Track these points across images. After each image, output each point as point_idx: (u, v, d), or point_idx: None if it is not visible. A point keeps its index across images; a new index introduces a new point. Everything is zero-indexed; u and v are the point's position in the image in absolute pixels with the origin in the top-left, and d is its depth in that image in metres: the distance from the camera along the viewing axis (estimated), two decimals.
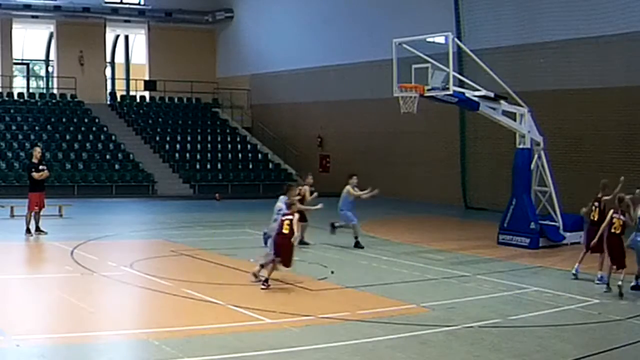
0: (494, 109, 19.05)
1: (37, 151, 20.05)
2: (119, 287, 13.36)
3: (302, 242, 15.97)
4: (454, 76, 18.10)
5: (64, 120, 37.24)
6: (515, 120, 19.27)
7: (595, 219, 14.32)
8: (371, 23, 32.83)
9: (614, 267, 13.20)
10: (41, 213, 19.56)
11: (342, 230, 18.49)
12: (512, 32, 26.78)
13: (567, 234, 19.34)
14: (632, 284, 13.13)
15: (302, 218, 14.94)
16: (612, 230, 13.21)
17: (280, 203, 13.94)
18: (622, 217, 13.17)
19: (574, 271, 14.44)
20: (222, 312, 11.29)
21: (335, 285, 13.48)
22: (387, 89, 18.88)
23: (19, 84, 42.28)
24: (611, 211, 13.32)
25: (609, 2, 23.67)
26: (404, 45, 18.68)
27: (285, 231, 12.94)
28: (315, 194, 17.80)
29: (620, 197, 13.50)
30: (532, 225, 18.70)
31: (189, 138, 38.60)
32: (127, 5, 41.55)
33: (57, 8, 39.15)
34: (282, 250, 13.01)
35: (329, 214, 16.93)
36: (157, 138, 38.01)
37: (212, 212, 28.13)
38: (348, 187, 18.36)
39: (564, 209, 19.62)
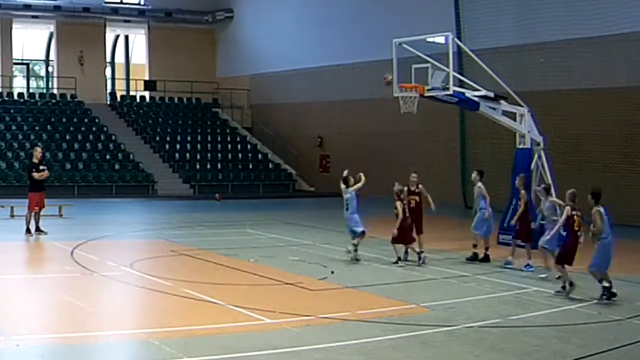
0: (494, 109, 19.03)
1: (37, 151, 20.05)
2: (119, 287, 13.36)
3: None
4: (454, 76, 18.09)
5: (64, 120, 37.26)
6: (515, 120, 19.24)
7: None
8: (371, 23, 32.83)
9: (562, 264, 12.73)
10: (41, 213, 19.58)
11: (341, 232, 18.35)
12: (512, 32, 26.80)
13: None
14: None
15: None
16: (576, 229, 12.60)
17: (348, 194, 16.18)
18: (579, 213, 12.71)
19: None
20: (222, 312, 11.29)
21: (335, 285, 13.48)
22: (387, 89, 18.86)
23: (19, 84, 42.29)
24: (568, 208, 12.72)
25: (609, 2, 23.67)
26: (404, 45, 18.67)
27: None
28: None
29: (574, 192, 13.10)
30: (532, 225, 18.66)
31: (189, 138, 38.62)
32: (127, 5, 41.58)
33: (57, 8, 39.17)
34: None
35: (328, 214, 17.00)
36: (157, 138, 38.03)
37: (212, 212, 28.14)
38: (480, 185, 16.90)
39: None
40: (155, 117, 40.22)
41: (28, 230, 19.23)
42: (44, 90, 41.96)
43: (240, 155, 38.49)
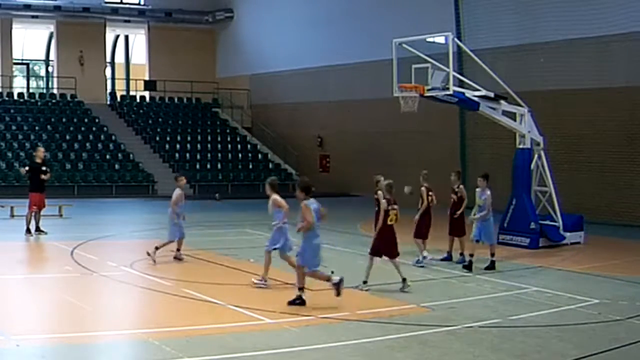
0: (494, 109, 19.04)
1: (40, 151, 20.06)
2: (119, 287, 13.36)
3: None
4: (454, 76, 18.09)
5: (64, 120, 37.27)
6: (515, 120, 19.26)
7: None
8: (371, 23, 32.83)
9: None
10: (41, 213, 19.57)
11: (341, 232, 18.33)
12: (512, 32, 26.81)
13: (567, 234, 19.35)
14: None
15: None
16: (390, 223, 13.18)
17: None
18: (396, 207, 13.17)
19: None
20: (222, 312, 11.29)
21: None
22: (387, 89, 18.88)
23: (19, 84, 42.33)
24: (384, 202, 13.30)
25: (609, 2, 23.69)
26: (404, 45, 18.68)
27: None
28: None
29: (390, 184, 13.45)
30: (532, 225, 18.70)
31: (189, 138, 38.63)
32: (127, 5, 41.60)
33: (57, 8, 39.19)
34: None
35: (328, 214, 16.70)
36: (157, 138, 38.03)
37: (212, 212, 28.11)
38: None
39: (564, 209, 19.62)
40: (155, 117, 40.23)
41: (28, 230, 19.23)
42: (44, 90, 41.98)
43: (240, 155, 38.50)
